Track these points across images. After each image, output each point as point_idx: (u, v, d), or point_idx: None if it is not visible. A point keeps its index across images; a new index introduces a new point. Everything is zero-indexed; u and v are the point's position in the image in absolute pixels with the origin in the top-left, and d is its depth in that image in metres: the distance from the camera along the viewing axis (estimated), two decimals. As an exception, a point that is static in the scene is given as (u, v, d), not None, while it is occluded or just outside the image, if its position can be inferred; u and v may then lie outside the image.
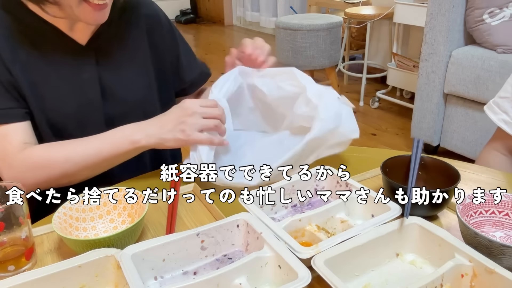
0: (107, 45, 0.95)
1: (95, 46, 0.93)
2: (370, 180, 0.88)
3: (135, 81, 0.99)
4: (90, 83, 0.92)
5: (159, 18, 1.05)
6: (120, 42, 0.97)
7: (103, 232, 0.74)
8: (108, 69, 0.95)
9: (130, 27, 0.99)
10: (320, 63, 2.96)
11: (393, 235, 0.66)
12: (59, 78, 0.89)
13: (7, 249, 0.65)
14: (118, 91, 0.96)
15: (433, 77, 2.30)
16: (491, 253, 0.60)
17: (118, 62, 0.97)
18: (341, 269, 0.59)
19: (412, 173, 0.74)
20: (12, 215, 0.64)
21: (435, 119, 2.36)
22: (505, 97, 1.01)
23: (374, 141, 2.79)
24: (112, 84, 0.95)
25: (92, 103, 0.93)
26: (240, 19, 6.31)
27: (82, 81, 0.91)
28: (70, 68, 0.90)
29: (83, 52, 0.91)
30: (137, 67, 1.00)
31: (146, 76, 1.01)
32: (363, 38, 3.53)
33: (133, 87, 0.98)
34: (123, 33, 0.97)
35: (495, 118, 1.02)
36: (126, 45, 0.98)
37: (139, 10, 1.01)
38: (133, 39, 0.99)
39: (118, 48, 0.96)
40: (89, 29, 0.92)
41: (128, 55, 0.98)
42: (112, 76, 0.95)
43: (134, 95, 0.98)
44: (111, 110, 0.95)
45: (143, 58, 1.01)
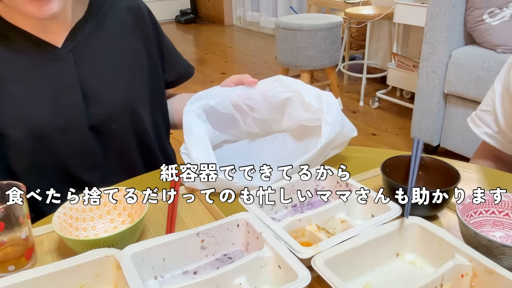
0: (86, 43, 0.89)
1: (72, 47, 0.87)
2: (370, 180, 0.88)
3: (120, 80, 0.93)
4: (70, 88, 0.86)
5: (141, 10, 0.99)
6: (101, 37, 0.91)
7: (103, 232, 0.74)
8: (89, 69, 0.89)
9: (110, 21, 0.93)
10: (320, 63, 2.96)
11: (393, 235, 0.66)
12: (36, 86, 0.84)
13: (7, 249, 0.65)
14: (102, 92, 0.90)
15: (433, 77, 2.30)
16: (491, 253, 0.60)
17: (99, 61, 0.91)
18: (341, 269, 0.59)
19: (412, 173, 0.74)
20: (12, 215, 0.64)
21: (435, 119, 2.36)
22: (486, 110, 1.02)
23: (374, 141, 2.79)
24: (95, 85, 0.89)
25: (73, 109, 0.87)
26: (240, 19, 6.31)
27: (61, 87, 0.86)
28: (46, 73, 0.85)
29: (60, 55, 0.86)
30: (122, 63, 0.94)
31: (133, 71, 0.96)
32: (363, 38, 3.53)
33: (118, 86, 0.93)
34: (104, 28, 0.92)
35: (478, 131, 1.03)
36: (109, 41, 0.92)
37: (118, 3, 0.95)
38: (117, 34, 0.94)
39: (98, 46, 0.91)
40: (62, 29, 0.87)
41: (110, 51, 0.92)
42: (94, 77, 0.89)
43: (120, 94, 0.92)
44: (95, 114, 0.89)
45: (128, 52, 0.95)
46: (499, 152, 1.02)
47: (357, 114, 3.20)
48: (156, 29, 1.02)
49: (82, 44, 0.89)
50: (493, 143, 1.01)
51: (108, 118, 0.91)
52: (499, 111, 0.99)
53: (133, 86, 0.96)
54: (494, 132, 1.00)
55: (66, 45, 0.87)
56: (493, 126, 1.01)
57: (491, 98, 1.02)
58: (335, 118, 0.86)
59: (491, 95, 1.02)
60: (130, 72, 0.95)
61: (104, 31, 0.92)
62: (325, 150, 0.88)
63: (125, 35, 0.95)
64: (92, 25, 0.90)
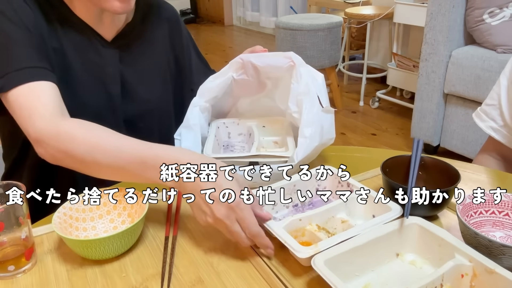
0: (131, 44, 0.97)
1: (119, 44, 0.95)
2: (370, 180, 0.88)
3: (154, 81, 1.02)
4: (112, 78, 0.94)
5: (179, 22, 1.09)
6: (143, 42, 1.00)
7: (103, 232, 0.74)
8: (130, 67, 0.97)
9: (152, 29, 1.02)
10: (320, 63, 2.96)
11: (393, 235, 0.66)
12: (84, 69, 0.90)
13: (7, 249, 0.65)
14: (137, 90, 0.98)
15: (433, 77, 2.30)
16: (491, 253, 0.60)
17: (139, 61, 0.99)
18: (341, 269, 0.59)
19: (412, 173, 0.74)
20: (12, 215, 0.64)
21: (435, 119, 2.36)
22: (492, 104, 1.02)
23: (374, 141, 2.79)
24: (132, 81, 0.97)
25: (112, 98, 0.94)
26: (240, 19, 6.31)
27: (105, 76, 0.93)
28: (95, 62, 0.92)
29: (108, 48, 0.93)
30: (157, 69, 1.03)
31: (164, 77, 1.04)
32: (363, 38, 3.53)
33: (152, 87, 1.01)
34: (146, 34, 1.00)
35: (483, 125, 1.03)
36: (148, 46, 1.01)
37: (161, 13, 1.04)
38: (155, 41, 1.02)
39: (140, 48, 0.99)
40: (115, 27, 0.94)
41: (150, 56, 1.01)
42: (133, 74, 0.97)
43: (152, 95, 1.01)
44: (129, 108, 0.96)
45: (163, 60, 1.04)
46: (504, 149, 1.02)
47: (357, 114, 3.20)
48: (188, 44, 1.11)
49: (128, 44, 0.97)
50: (498, 138, 1.01)
51: (139, 115, 0.98)
52: (504, 105, 0.99)
53: (163, 92, 1.04)
54: (500, 126, 1.00)
55: (115, 42, 0.95)
56: (498, 120, 1.01)
57: (496, 92, 1.02)
58: (313, 132, 0.83)
59: (497, 89, 1.02)
60: (162, 78, 1.04)
61: (146, 37, 1.01)
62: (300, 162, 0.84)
63: (163, 45, 1.04)
64: (138, 30, 0.99)
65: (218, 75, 0.94)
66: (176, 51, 1.07)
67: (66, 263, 0.68)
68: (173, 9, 1.09)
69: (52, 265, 0.68)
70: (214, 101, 0.96)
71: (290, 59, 0.89)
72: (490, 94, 1.03)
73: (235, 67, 0.94)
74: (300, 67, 0.88)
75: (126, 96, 0.96)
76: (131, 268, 0.66)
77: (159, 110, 1.03)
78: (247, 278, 0.64)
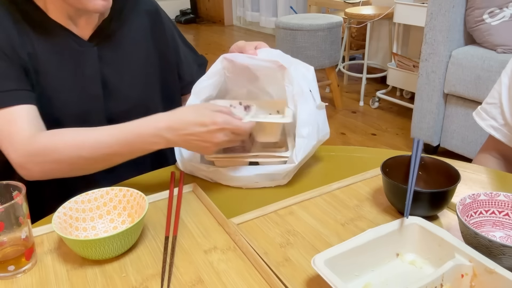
0: (109, 41, 0.95)
1: (97, 42, 0.93)
2: (370, 180, 0.88)
3: (138, 78, 0.99)
4: (92, 79, 0.92)
5: (159, 14, 1.05)
6: (122, 38, 0.97)
7: (103, 232, 0.74)
8: (111, 65, 0.94)
9: (132, 23, 0.99)
10: (320, 63, 2.96)
11: (393, 235, 0.66)
12: (62, 72, 0.89)
13: (7, 249, 0.65)
14: (120, 88, 0.96)
15: (433, 77, 2.30)
16: (491, 253, 0.60)
17: (120, 58, 0.96)
18: (341, 269, 0.59)
19: (412, 173, 0.74)
20: (12, 215, 0.64)
21: (435, 119, 2.36)
22: (493, 103, 1.02)
23: (374, 141, 2.79)
24: (115, 80, 0.95)
25: (93, 99, 0.92)
26: (240, 19, 6.31)
27: (84, 77, 0.91)
28: (73, 63, 0.90)
29: (86, 47, 0.91)
30: (139, 63, 0.99)
31: (149, 73, 1.01)
32: (363, 38, 3.53)
33: (136, 84, 0.98)
34: (124, 29, 0.97)
35: (484, 124, 1.03)
36: (128, 42, 0.98)
37: (139, 6, 1.01)
38: (134, 35, 0.99)
39: (120, 45, 0.96)
40: (91, 25, 0.92)
41: (131, 52, 0.98)
42: (114, 72, 0.95)
43: (136, 92, 0.98)
44: (113, 107, 0.94)
45: (146, 55, 1.01)
46: (505, 148, 1.01)
47: (357, 114, 3.20)
48: (173, 34, 1.08)
49: (106, 41, 0.94)
50: (499, 136, 1.00)
51: (124, 113, 0.95)
52: (505, 104, 0.99)
53: (148, 86, 1.01)
54: (500, 125, 1.00)
55: (92, 40, 0.92)
56: (499, 119, 1.01)
57: (497, 91, 1.01)
58: (311, 131, 0.84)
59: (498, 88, 1.02)
60: (145, 73, 1.01)
61: (125, 32, 0.97)
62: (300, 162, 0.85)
63: (143, 38, 1.00)
64: (115, 25, 0.96)
65: (210, 75, 0.92)
66: (159, 44, 1.03)
67: (66, 263, 0.68)
68: (152, 1, 1.05)
69: (52, 265, 0.68)
70: (209, 100, 0.94)
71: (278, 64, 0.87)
72: (491, 93, 1.03)
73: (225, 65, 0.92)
74: (290, 68, 0.87)
75: (108, 95, 0.94)
76: (131, 268, 0.66)
77: (144, 105, 0.98)
78: (247, 278, 0.64)
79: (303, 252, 0.68)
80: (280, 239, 0.71)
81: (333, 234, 0.73)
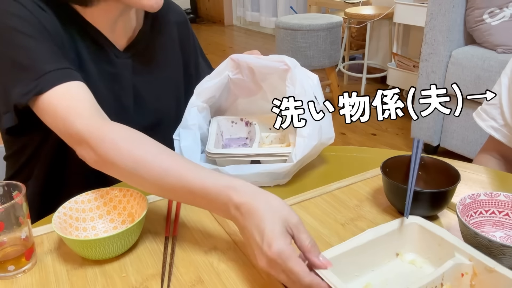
0: (142, 53, 0.94)
1: (133, 53, 0.92)
2: (370, 180, 0.88)
3: (167, 91, 0.99)
4: (125, 90, 0.91)
5: (187, 24, 1.05)
6: (153, 50, 0.96)
7: (103, 232, 0.74)
8: (142, 77, 0.94)
9: (162, 35, 0.98)
10: (320, 63, 2.96)
11: (393, 235, 0.66)
12: (100, 79, 0.87)
13: (7, 249, 0.65)
14: (150, 100, 0.95)
15: (433, 77, 2.30)
16: (491, 253, 0.60)
17: (151, 71, 0.96)
18: (341, 269, 0.59)
19: (412, 173, 0.74)
20: (12, 215, 0.64)
21: (435, 119, 2.36)
22: (492, 103, 1.02)
23: (374, 141, 2.79)
24: (145, 92, 0.94)
25: (124, 110, 0.91)
26: (240, 19, 6.31)
27: (118, 87, 0.90)
28: (108, 73, 0.88)
29: (121, 58, 0.90)
30: (169, 77, 1.00)
31: (177, 85, 1.02)
32: (363, 38, 3.53)
33: (165, 97, 0.99)
34: (156, 41, 0.96)
35: (484, 124, 1.03)
36: (159, 54, 0.97)
37: (169, 17, 0.99)
38: (165, 48, 0.98)
39: (151, 57, 0.96)
40: (127, 35, 0.91)
41: (161, 64, 0.98)
42: (145, 84, 0.94)
43: (165, 104, 0.99)
44: (142, 119, 0.93)
45: (175, 67, 1.01)
46: (505, 149, 1.02)
47: (357, 114, 3.19)
48: (195, 46, 1.08)
49: (139, 53, 0.93)
50: (499, 137, 1.00)
51: (152, 125, 0.95)
52: (505, 104, 0.99)
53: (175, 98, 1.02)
54: (500, 126, 1.00)
55: (127, 51, 0.91)
56: (499, 119, 1.01)
57: (497, 91, 1.01)
58: (312, 131, 0.83)
59: (497, 88, 1.02)
60: (173, 84, 1.02)
61: (157, 44, 0.97)
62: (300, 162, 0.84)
63: (173, 50, 1.01)
64: (148, 38, 0.95)
65: (214, 75, 0.93)
66: (185, 55, 1.04)
67: (66, 263, 0.68)
68: (180, 10, 1.04)
69: (52, 265, 0.68)
70: (212, 101, 0.95)
71: (284, 62, 0.87)
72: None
73: (230, 66, 0.93)
74: (295, 69, 0.87)
75: (138, 107, 0.93)
76: (131, 268, 0.66)
77: (172, 118, 0.98)
78: (247, 278, 0.64)
79: (303, 252, 0.68)
80: (280, 239, 0.71)
81: (333, 234, 0.73)
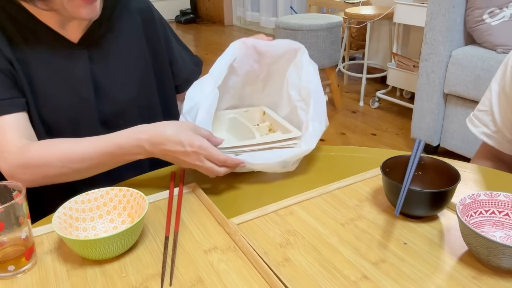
0: (100, 42, 0.93)
1: (87, 44, 0.91)
2: (370, 180, 0.88)
3: (130, 78, 0.98)
4: (83, 81, 0.91)
5: (152, 11, 1.03)
6: (113, 39, 0.95)
7: (103, 232, 0.74)
8: (101, 66, 0.93)
9: (123, 23, 0.97)
10: (320, 63, 2.96)
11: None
12: (52, 75, 0.88)
13: (7, 249, 0.65)
14: (112, 89, 0.94)
15: (433, 77, 2.30)
16: (491, 253, 0.60)
17: (111, 59, 0.95)
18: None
19: (409, 172, 0.74)
20: (12, 215, 0.64)
21: (435, 119, 2.36)
22: (484, 110, 1.02)
23: (374, 141, 2.79)
24: (106, 82, 0.94)
25: (85, 101, 0.91)
26: (240, 19, 6.31)
27: (75, 80, 0.90)
28: (63, 66, 0.89)
29: (76, 50, 0.90)
30: (133, 64, 0.98)
31: (142, 72, 1.00)
32: (363, 38, 3.53)
33: (128, 85, 0.97)
34: (115, 29, 0.96)
35: (476, 131, 1.03)
36: (120, 42, 0.96)
37: (131, 4, 0.99)
38: (127, 35, 0.97)
39: (111, 45, 0.95)
40: (80, 27, 0.90)
41: (123, 52, 0.97)
42: (105, 74, 0.94)
43: (129, 92, 0.97)
44: (105, 108, 0.93)
45: (139, 53, 0.99)
46: (499, 153, 1.02)
47: (357, 114, 3.20)
48: (165, 32, 1.06)
49: (96, 43, 0.93)
50: (491, 143, 1.01)
51: (117, 113, 0.95)
52: (496, 111, 0.99)
53: (143, 86, 1.00)
54: (492, 132, 1.01)
55: (82, 42, 0.91)
56: (490, 126, 1.01)
57: (488, 98, 1.02)
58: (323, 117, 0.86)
59: (488, 95, 1.02)
60: (138, 72, 0.99)
61: (116, 32, 0.96)
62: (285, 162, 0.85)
63: (136, 37, 0.99)
64: (106, 26, 0.94)
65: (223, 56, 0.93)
66: (153, 43, 1.02)
67: (66, 263, 0.68)
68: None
69: (52, 265, 0.68)
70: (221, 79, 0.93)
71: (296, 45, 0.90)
72: (482, 100, 1.03)
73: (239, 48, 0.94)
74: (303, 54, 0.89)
75: (100, 97, 0.93)
76: (131, 268, 0.66)
77: (139, 106, 0.99)
78: (247, 278, 0.64)
79: (303, 252, 0.68)
80: (280, 239, 0.71)
81: (333, 234, 0.73)
